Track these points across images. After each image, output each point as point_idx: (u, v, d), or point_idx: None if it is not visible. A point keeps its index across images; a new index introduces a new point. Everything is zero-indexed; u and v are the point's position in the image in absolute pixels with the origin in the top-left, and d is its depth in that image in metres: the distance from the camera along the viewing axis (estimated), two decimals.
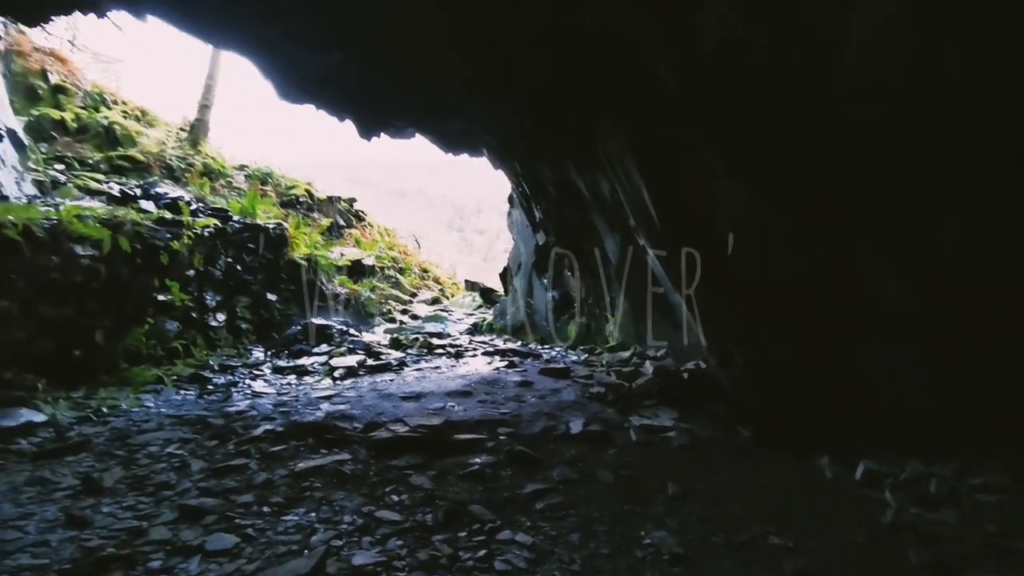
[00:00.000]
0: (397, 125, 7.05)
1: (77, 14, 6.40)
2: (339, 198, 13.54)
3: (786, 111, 3.03)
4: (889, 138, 2.76)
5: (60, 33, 11.27)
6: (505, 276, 10.32)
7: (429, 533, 2.54)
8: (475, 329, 9.43)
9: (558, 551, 2.44)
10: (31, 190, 7.20)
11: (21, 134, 7.80)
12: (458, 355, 7.07)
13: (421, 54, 4.76)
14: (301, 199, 12.51)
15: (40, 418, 3.76)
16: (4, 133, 6.96)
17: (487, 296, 11.68)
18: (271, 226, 8.33)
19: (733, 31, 2.98)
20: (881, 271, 3.09)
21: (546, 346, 7.85)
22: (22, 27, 9.72)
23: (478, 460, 3.40)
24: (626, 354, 6.28)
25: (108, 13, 6.12)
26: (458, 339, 8.32)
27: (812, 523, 2.74)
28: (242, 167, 12.47)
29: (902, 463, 3.26)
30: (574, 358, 6.85)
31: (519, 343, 8.18)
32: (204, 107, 12.41)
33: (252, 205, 8.94)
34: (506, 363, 6.42)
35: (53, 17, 6.89)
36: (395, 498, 2.89)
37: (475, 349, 7.46)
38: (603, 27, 3.71)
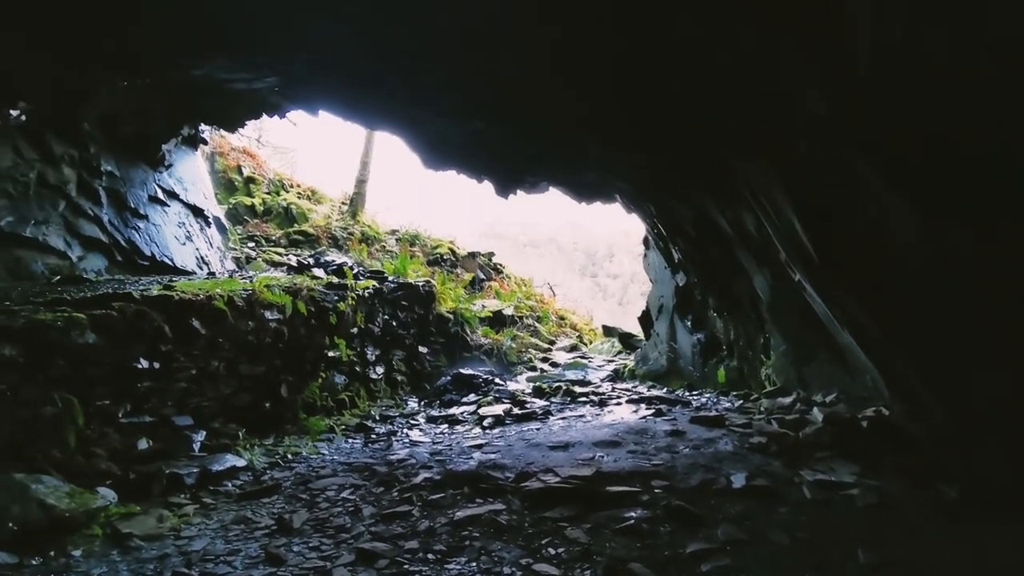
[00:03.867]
0: (531, 181, 7.37)
1: (264, 117, 7.71)
2: (479, 253, 14.33)
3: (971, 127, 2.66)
4: None
5: (250, 133, 13.55)
6: (645, 320, 10.03)
7: None
8: (616, 375, 9.21)
9: None
10: (231, 265, 8.57)
11: (223, 220, 9.37)
12: (602, 403, 6.93)
13: (555, 114, 4.99)
14: (445, 257, 13.42)
15: (241, 463, 4.32)
16: (212, 221, 8.41)
17: (626, 341, 11.40)
18: (420, 283, 9.00)
19: (896, 38, 2.70)
20: None
21: (694, 392, 7.43)
22: (223, 132, 11.85)
23: (633, 514, 3.26)
24: (787, 400, 5.72)
25: (288, 113, 7.30)
26: (600, 386, 8.18)
27: None
28: (393, 232, 13.80)
29: None
30: (727, 405, 6.40)
31: (664, 389, 7.83)
32: (361, 182, 14.04)
33: (403, 266, 9.78)
34: (653, 411, 6.16)
35: (247, 122, 8.37)
36: (551, 551, 2.87)
37: (619, 396, 7.27)
38: (736, 55, 3.60)
